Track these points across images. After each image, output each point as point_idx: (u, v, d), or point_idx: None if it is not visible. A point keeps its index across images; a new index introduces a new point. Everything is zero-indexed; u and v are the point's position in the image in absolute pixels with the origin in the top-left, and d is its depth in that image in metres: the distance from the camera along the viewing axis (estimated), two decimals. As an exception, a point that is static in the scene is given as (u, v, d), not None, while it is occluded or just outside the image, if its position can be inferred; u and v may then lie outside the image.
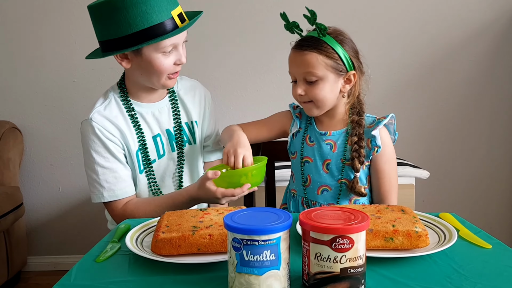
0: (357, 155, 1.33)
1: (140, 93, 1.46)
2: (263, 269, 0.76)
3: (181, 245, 0.93)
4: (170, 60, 1.36)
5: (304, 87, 1.33)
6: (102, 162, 1.39)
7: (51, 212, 2.67)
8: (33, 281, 2.55)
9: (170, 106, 1.50)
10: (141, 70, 1.37)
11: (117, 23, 1.28)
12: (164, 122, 1.48)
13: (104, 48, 1.36)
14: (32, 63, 2.54)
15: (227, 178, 1.26)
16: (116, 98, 1.45)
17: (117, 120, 1.41)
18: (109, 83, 2.50)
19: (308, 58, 1.30)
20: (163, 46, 1.32)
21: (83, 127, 1.42)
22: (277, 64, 2.51)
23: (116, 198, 1.40)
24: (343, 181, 1.36)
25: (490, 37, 2.55)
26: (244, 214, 0.83)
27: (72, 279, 0.87)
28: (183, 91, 1.53)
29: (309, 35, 1.33)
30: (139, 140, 1.44)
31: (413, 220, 0.98)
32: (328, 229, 0.75)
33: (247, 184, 1.24)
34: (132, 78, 1.43)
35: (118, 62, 1.37)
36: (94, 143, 1.39)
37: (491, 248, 0.97)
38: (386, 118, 1.36)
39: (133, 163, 1.43)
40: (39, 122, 2.59)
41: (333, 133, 1.39)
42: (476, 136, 2.63)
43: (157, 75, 1.36)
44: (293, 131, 1.46)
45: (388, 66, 2.52)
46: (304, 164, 1.41)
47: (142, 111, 1.45)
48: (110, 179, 1.39)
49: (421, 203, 2.55)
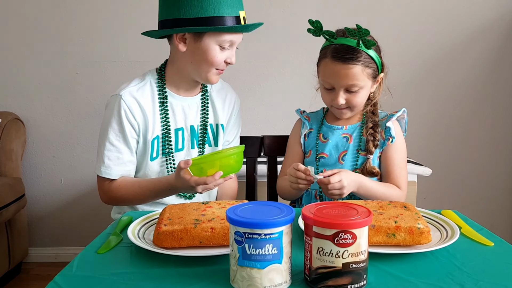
0: (372, 138, 1.38)
1: (178, 83, 1.47)
2: (265, 263, 0.76)
3: (183, 238, 0.93)
4: (223, 55, 1.39)
5: (345, 96, 1.35)
6: (112, 139, 1.41)
7: (53, 204, 2.67)
8: (34, 272, 2.56)
9: (200, 104, 1.52)
10: (193, 57, 1.39)
11: (190, 5, 1.32)
12: (191, 118, 1.49)
13: (167, 26, 1.38)
14: (35, 55, 2.54)
15: (200, 166, 1.23)
16: (152, 82, 1.46)
17: (145, 104, 1.43)
18: (111, 76, 2.55)
19: (354, 72, 1.31)
20: (223, 39, 1.36)
21: (111, 100, 1.43)
22: (282, 60, 2.51)
23: (109, 177, 1.42)
24: (358, 171, 1.39)
25: (493, 36, 2.53)
26: (247, 207, 0.83)
27: (73, 270, 0.87)
28: (215, 93, 1.55)
29: (347, 44, 1.31)
30: (162, 129, 1.45)
31: (416, 217, 0.98)
32: (331, 224, 0.75)
33: (219, 172, 1.21)
34: (178, 64, 1.44)
35: (175, 44, 1.39)
36: (113, 119, 1.40)
37: (493, 246, 0.97)
38: (399, 112, 1.42)
39: (146, 149, 1.44)
40: (42, 113, 2.59)
41: (349, 127, 1.44)
42: (478, 133, 2.63)
43: (207, 65, 1.39)
44: (304, 133, 1.49)
45: (390, 64, 2.51)
46: (319, 160, 1.43)
47: (173, 101, 1.47)
48: (113, 158, 1.41)
49: (423, 201, 2.55)
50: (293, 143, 1.52)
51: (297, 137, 1.51)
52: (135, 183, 1.42)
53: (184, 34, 1.38)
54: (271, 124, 2.56)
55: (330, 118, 1.48)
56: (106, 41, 2.51)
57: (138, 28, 2.54)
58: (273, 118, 2.56)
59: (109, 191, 1.43)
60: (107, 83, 2.54)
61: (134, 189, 1.41)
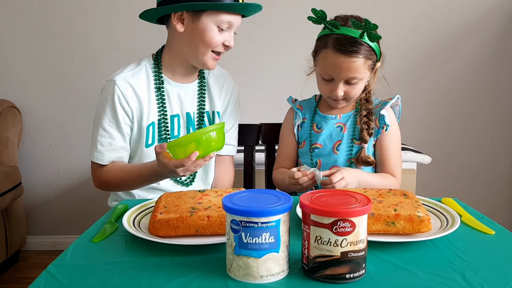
0: (366, 126, 1.37)
1: (175, 69, 1.45)
2: (262, 252, 0.74)
3: (178, 226, 0.92)
4: (221, 37, 1.37)
5: (344, 88, 1.32)
6: (105, 124, 1.39)
7: (50, 192, 2.66)
8: (31, 260, 2.56)
9: (197, 91, 1.50)
10: (190, 38, 1.38)
11: None
12: (187, 105, 1.47)
13: (166, 3, 1.35)
14: (30, 42, 2.51)
15: (174, 148, 1.18)
16: (148, 68, 1.45)
17: (140, 90, 1.41)
18: (108, 63, 2.52)
19: (357, 65, 1.28)
20: (222, 19, 1.35)
21: (105, 85, 1.42)
22: (281, 48, 2.48)
23: (101, 163, 1.41)
24: (352, 160, 1.38)
25: (493, 23, 2.51)
26: (243, 195, 0.82)
27: (67, 259, 0.85)
28: (212, 79, 1.53)
29: (350, 36, 1.27)
30: (159, 115, 1.43)
31: (415, 205, 0.97)
32: (329, 212, 0.74)
33: (195, 153, 1.15)
34: (175, 48, 1.42)
35: (173, 24, 1.37)
36: (107, 104, 1.39)
37: (494, 234, 0.96)
38: (392, 99, 1.40)
39: (141, 135, 1.43)
40: (38, 101, 2.56)
41: (342, 116, 1.42)
42: (478, 121, 2.61)
43: (205, 46, 1.37)
44: (297, 123, 1.47)
45: (389, 51, 2.49)
46: (313, 151, 1.42)
47: (168, 88, 1.45)
48: (105, 144, 1.40)
49: (422, 189, 2.54)
50: (287, 133, 1.50)
51: (290, 127, 1.49)
52: (124, 168, 1.41)
53: (182, 14, 1.36)
54: (269, 111, 2.54)
55: (323, 107, 1.46)
56: (102, 28, 2.48)
57: (134, 15, 2.50)
58: (271, 105, 2.54)
59: (100, 176, 1.43)
60: (103, 70, 2.51)
61: (122, 174, 1.40)
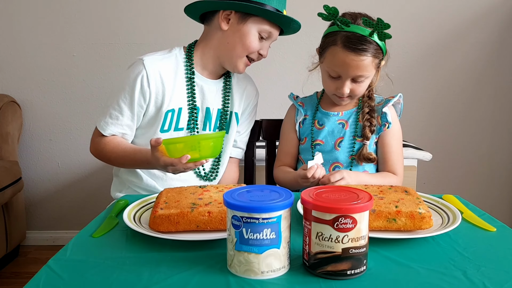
0: (369, 124, 1.37)
1: (205, 63, 1.47)
2: (263, 248, 0.74)
3: (179, 222, 0.92)
4: (259, 45, 1.42)
5: (350, 86, 1.32)
6: (120, 99, 1.40)
7: (50, 187, 2.66)
8: (32, 255, 2.56)
9: (221, 89, 1.51)
10: (232, 38, 1.41)
11: None
12: (207, 100, 1.48)
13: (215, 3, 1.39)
14: (31, 37, 2.50)
15: (168, 147, 1.18)
16: (178, 56, 1.46)
17: (166, 76, 1.42)
18: (108, 58, 2.51)
19: (365, 63, 1.28)
20: (264, 28, 1.40)
21: (134, 63, 1.43)
22: (283, 43, 2.47)
23: (103, 132, 1.42)
24: (354, 157, 1.38)
25: (494, 20, 2.50)
26: (244, 191, 0.81)
27: (67, 254, 0.85)
28: (236, 80, 1.55)
29: (359, 34, 1.26)
30: (188, 105, 1.44)
31: (417, 202, 0.97)
32: (330, 208, 0.73)
33: (186, 156, 1.15)
34: (212, 44, 1.45)
35: (217, 22, 1.40)
36: (128, 81, 1.40)
37: (495, 231, 0.96)
38: (395, 97, 1.40)
39: (157, 119, 1.43)
40: (38, 96, 2.56)
41: (344, 113, 1.42)
42: (479, 118, 2.61)
43: (242, 49, 1.41)
44: (299, 120, 1.47)
45: (391, 49, 2.48)
46: (315, 147, 1.41)
47: (195, 81, 1.46)
48: (114, 117, 1.41)
49: (422, 186, 2.54)
50: (288, 130, 1.49)
51: (292, 123, 1.48)
52: (121, 145, 1.41)
53: (231, 13, 1.38)
54: (269, 108, 2.54)
55: (325, 103, 1.45)
56: (103, 23, 2.47)
57: (135, 10, 2.50)
58: (272, 102, 2.53)
59: (97, 144, 1.44)
60: (103, 66, 2.51)
61: (117, 151, 1.40)
